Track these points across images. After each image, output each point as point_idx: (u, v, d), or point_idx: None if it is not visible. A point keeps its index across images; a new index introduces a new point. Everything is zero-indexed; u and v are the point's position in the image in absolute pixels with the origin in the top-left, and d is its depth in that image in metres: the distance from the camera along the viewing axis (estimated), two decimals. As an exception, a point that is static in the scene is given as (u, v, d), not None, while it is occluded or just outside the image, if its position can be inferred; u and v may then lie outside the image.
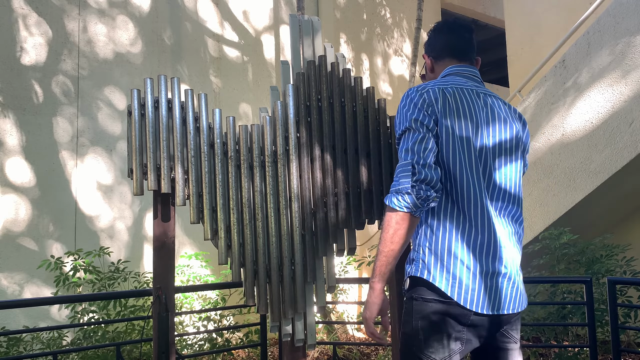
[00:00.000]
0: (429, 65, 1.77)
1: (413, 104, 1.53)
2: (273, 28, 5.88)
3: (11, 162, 4.19)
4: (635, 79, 4.03)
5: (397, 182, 1.47)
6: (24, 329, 3.26)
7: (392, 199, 1.47)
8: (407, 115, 1.53)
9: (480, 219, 1.50)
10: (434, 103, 1.52)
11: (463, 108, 1.54)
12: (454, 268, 1.47)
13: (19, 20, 4.35)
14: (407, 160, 1.47)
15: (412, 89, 1.58)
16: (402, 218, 1.45)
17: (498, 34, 8.47)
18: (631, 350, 2.97)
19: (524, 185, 4.75)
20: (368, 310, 1.53)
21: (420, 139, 1.48)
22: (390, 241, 1.47)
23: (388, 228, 1.48)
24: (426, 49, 1.79)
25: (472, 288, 1.47)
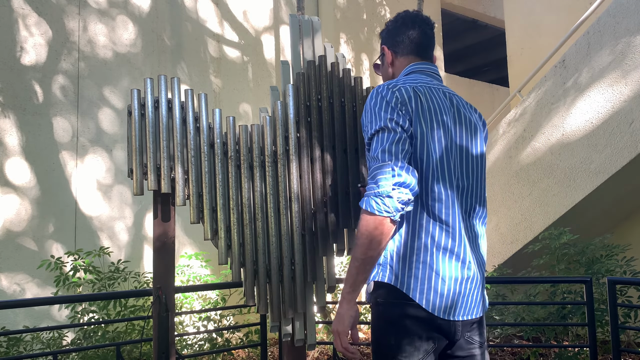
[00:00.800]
0: (390, 58, 1.69)
1: (385, 102, 1.46)
2: (273, 28, 5.88)
3: (11, 162, 4.19)
4: (635, 79, 4.03)
5: (375, 184, 1.38)
6: (24, 329, 3.26)
7: (371, 203, 1.38)
8: (380, 114, 1.45)
9: (451, 224, 1.45)
10: (407, 102, 1.46)
11: (435, 109, 1.49)
12: (422, 274, 1.42)
13: (19, 20, 4.35)
14: (385, 161, 1.39)
15: (381, 86, 1.51)
16: (381, 223, 1.37)
17: (498, 34, 8.47)
18: (631, 350, 2.97)
19: (523, 186, 4.75)
20: (340, 323, 1.45)
21: (397, 139, 1.41)
22: (368, 247, 1.39)
23: (365, 233, 1.39)
24: (386, 40, 1.71)
25: (441, 294, 1.42)
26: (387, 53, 1.70)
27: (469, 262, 1.48)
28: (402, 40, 1.67)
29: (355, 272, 1.42)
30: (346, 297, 1.45)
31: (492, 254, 4.96)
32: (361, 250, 1.40)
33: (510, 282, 4.03)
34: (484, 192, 1.59)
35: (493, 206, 5.00)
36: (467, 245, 1.49)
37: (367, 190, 1.40)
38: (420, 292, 1.42)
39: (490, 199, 5.03)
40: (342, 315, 1.45)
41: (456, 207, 1.47)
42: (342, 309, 1.45)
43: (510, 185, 4.86)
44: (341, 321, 1.45)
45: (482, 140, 1.62)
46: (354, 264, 1.42)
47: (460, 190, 1.50)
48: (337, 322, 1.46)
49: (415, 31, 1.66)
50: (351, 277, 1.43)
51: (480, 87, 8.16)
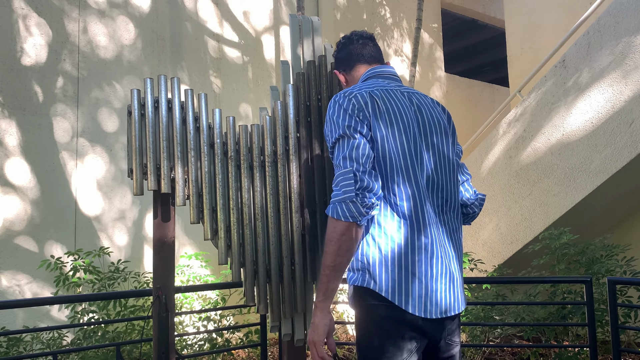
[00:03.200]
0: (343, 79, 1.75)
1: (343, 110, 1.48)
2: (273, 28, 5.88)
3: (11, 162, 4.19)
4: (635, 79, 4.03)
5: (338, 191, 1.40)
6: (24, 329, 3.26)
7: (336, 209, 1.39)
8: (338, 122, 1.47)
9: (422, 222, 1.46)
10: (364, 107, 1.48)
11: (393, 110, 1.51)
12: (399, 276, 1.43)
13: (19, 21, 4.35)
14: (347, 168, 1.41)
15: (338, 94, 1.54)
16: (347, 228, 1.39)
17: (498, 34, 8.47)
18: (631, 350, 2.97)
19: (523, 186, 4.75)
20: (316, 333, 1.44)
21: (356, 145, 1.43)
22: (337, 254, 1.40)
23: (333, 240, 1.40)
24: (335, 66, 1.80)
25: (419, 295, 1.43)
26: (338, 75, 1.77)
27: (443, 258, 1.48)
28: (345, 56, 1.74)
29: (327, 280, 1.43)
30: (319, 305, 1.44)
31: (492, 254, 4.96)
32: (331, 258, 1.41)
33: (510, 282, 4.02)
34: (455, 183, 1.59)
35: (493, 206, 5.00)
36: (442, 241, 1.50)
37: (332, 197, 1.42)
38: (399, 294, 1.42)
39: (490, 199, 5.03)
40: (317, 325, 1.44)
41: (426, 204, 1.48)
42: (316, 318, 1.45)
43: (510, 185, 4.86)
44: (316, 331, 1.44)
45: (450, 134, 1.63)
46: (325, 272, 1.43)
47: (431, 186, 1.51)
48: (312, 332, 1.45)
49: (353, 45, 1.73)
50: (323, 285, 1.43)
51: (480, 87, 8.16)
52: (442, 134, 1.58)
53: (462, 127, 7.44)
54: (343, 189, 1.39)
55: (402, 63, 6.90)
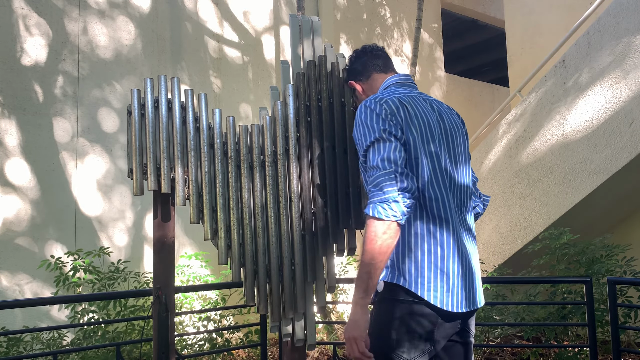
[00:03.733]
0: (360, 89, 1.83)
1: (375, 114, 1.55)
2: (273, 28, 5.88)
3: (11, 162, 4.19)
4: (635, 79, 4.03)
5: (379, 191, 1.46)
6: (24, 329, 3.26)
7: (378, 209, 1.44)
8: (374, 126, 1.54)
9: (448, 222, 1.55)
10: (396, 112, 1.56)
11: (420, 115, 1.59)
12: (429, 272, 1.51)
13: (19, 21, 4.35)
14: (387, 169, 1.47)
15: (368, 100, 1.61)
16: (389, 227, 1.44)
17: (498, 34, 8.47)
18: (631, 350, 2.98)
19: (523, 186, 4.75)
20: (357, 329, 1.47)
21: (394, 148, 1.51)
22: (378, 252, 1.45)
23: (375, 239, 1.45)
24: (350, 78, 1.87)
25: (447, 289, 1.52)
26: (355, 85, 1.85)
27: (466, 255, 1.58)
28: (361, 67, 1.84)
29: (367, 277, 1.46)
30: (360, 302, 1.48)
31: (492, 254, 4.95)
32: (372, 255, 1.45)
33: (510, 282, 4.03)
34: (470, 185, 1.70)
35: (493, 206, 5.00)
36: (464, 239, 1.59)
37: (372, 197, 1.47)
38: (427, 289, 1.50)
39: (490, 199, 5.03)
40: (358, 321, 1.47)
41: (451, 204, 1.58)
42: (356, 315, 1.48)
43: (510, 185, 4.86)
44: (357, 327, 1.47)
45: (465, 138, 1.74)
46: (365, 269, 1.46)
47: (452, 188, 1.60)
48: (353, 329, 1.47)
49: (367, 56, 1.84)
50: (363, 282, 1.47)
51: (480, 87, 8.16)
52: (460, 139, 1.69)
53: (462, 127, 7.44)
54: (385, 189, 1.45)
55: (402, 63, 6.90)
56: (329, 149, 2.16)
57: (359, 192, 2.17)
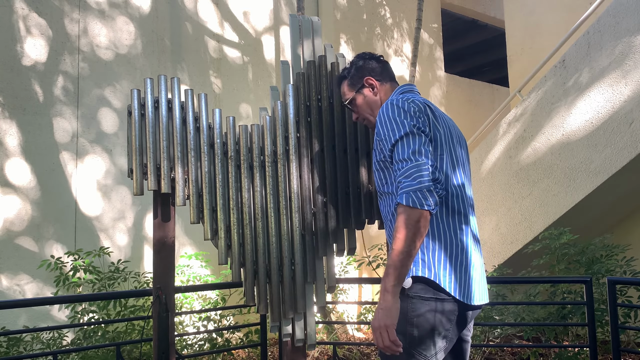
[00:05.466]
0: (377, 86, 1.84)
1: (404, 111, 1.60)
2: (273, 28, 5.88)
3: (11, 162, 4.20)
4: (635, 79, 4.03)
5: (412, 181, 1.49)
6: (24, 329, 3.26)
7: (412, 198, 1.47)
8: (404, 122, 1.58)
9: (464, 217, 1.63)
10: (424, 111, 1.62)
11: (442, 118, 1.68)
12: (451, 265, 1.57)
13: (19, 21, 4.35)
14: (420, 160, 1.51)
15: (395, 99, 1.65)
16: (422, 216, 1.47)
17: (498, 34, 8.47)
18: (631, 350, 2.97)
19: (523, 186, 4.75)
20: (389, 317, 1.47)
21: (424, 142, 1.55)
22: (412, 240, 1.47)
23: (409, 227, 1.47)
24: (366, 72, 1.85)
25: (467, 282, 1.59)
26: (375, 83, 1.84)
27: (476, 251, 1.66)
28: (379, 71, 1.86)
29: (401, 265, 1.47)
30: (392, 290, 1.48)
31: (492, 254, 4.96)
32: (407, 243, 1.47)
33: (510, 282, 4.02)
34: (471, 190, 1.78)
35: (493, 206, 5.00)
36: (476, 236, 1.68)
37: (404, 187, 1.49)
38: (449, 281, 1.55)
39: (490, 198, 5.03)
40: (390, 309, 1.47)
41: (466, 200, 1.66)
42: (387, 302, 1.47)
43: (510, 185, 4.86)
44: (389, 315, 1.47)
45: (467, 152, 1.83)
46: (399, 257, 1.47)
47: (466, 188, 1.69)
48: (384, 316, 1.46)
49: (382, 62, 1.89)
50: (396, 270, 1.47)
51: (480, 87, 8.16)
52: (465, 147, 1.78)
53: (462, 127, 7.44)
54: (418, 179, 1.49)
55: (402, 63, 6.90)
56: (329, 149, 2.16)
57: (359, 192, 2.17)
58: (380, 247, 4.50)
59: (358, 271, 5.34)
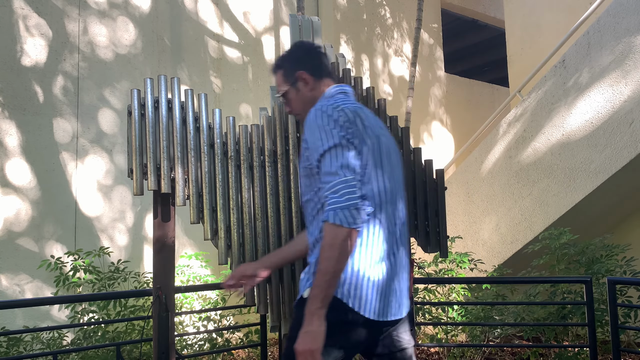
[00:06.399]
0: (311, 82, 1.72)
1: (334, 120, 1.51)
2: (273, 28, 5.88)
3: (11, 163, 4.19)
4: (635, 79, 4.03)
5: (339, 198, 1.42)
6: (24, 329, 3.26)
7: (340, 216, 1.40)
8: (333, 132, 1.49)
9: (390, 229, 1.54)
10: (354, 121, 1.53)
11: (372, 128, 1.57)
12: (356, 280, 1.48)
13: (19, 21, 4.35)
14: (347, 176, 1.44)
15: (323, 105, 1.55)
16: (348, 235, 1.41)
17: (498, 34, 8.46)
18: (631, 350, 2.98)
19: (523, 186, 4.75)
20: (315, 341, 1.40)
21: (353, 156, 1.48)
22: (338, 260, 1.41)
23: (335, 247, 1.40)
24: (300, 66, 1.73)
25: (386, 300, 1.51)
26: (307, 77, 1.71)
27: (403, 267, 1.58)
28: (316, 65, 1.73)
29: (326, 286, 1.42)
30: (317, 313, 1.42)
31: (492, 254, 4.96)
32: (332, 264, 1.41)
33: (510, 282, 4.03)
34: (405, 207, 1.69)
35: (493, 206, 5.00)
36: (402, 252, 1.59)
37: (332, 204, 1.42)
38: (353, 297, 1.47)
39: (490, 198, 5.03)
40: (316, 333, 1.41)
41: (395, 215, 1.58)
42: (314, 326, 1.41)
43: (510, 185, 4.86)
44: (316, 339, 1.40)
45: (400, 159, 1.72)
46: (324, 278, 1.42)
47: (394, 202, 1.60)
48: (310, 341, 1.40)
49: (322, 56, 1.75)
50: (322, 292, 1.42)
51: (480, 87, 8.15)
52: (396, 153, 1.67)
53: (462, 127, 7.44)
54: (346, 196, 1.42)
55: (402, 63, 6.90)
56: (329, 149, 2.15)
57: (359, 192, 2.16)
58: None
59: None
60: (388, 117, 2.24)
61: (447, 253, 2.27)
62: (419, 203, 2.21)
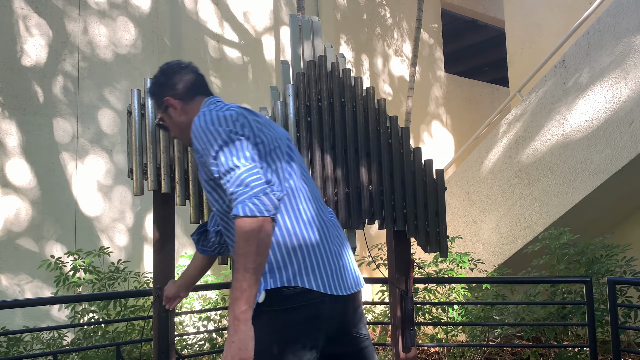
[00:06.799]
0: (180, 108, 1.66)
1: (217, 119, 1.46)
2: (273, 29, 5.88)
3: (11, 163, 4.20)
4: (635, 79, 4.03)
5: (245, 188, 1.34)
6: (24, 329, 3.26)
7: (250, 206, 1.32)
8: (219, 130, 1.43)
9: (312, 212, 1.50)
10: (241, 114, 1.49)
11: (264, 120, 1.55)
12: (303, 257, 1.43)
13: (19, 21, 4.35)
14: (249, 165, 1.37)
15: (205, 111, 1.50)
16: (264, 223, 1.32)
17: (498, 34, 8.46)
18: (631, 350, 2.98)
19: (523, 186, 4.75)
20: (245, 350, 1.29)
21: (246, 145, 1.42)
22: (257, 253, 1.31)
23: (250, 239, 1.31)
24: (165, 92, 1.67)
25: (335, 273, 1.46)
26: (175, 103, 1.66)
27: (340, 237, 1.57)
28: (184, 87, 1.66)
29: (248, 285, 1.31)
30: (242, 317, 1.30)
31: (492, 254, 4.96)
32: (251, 259, 1.31)
33: (510, 282, 4.03)
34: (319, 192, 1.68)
35: (493, 206, 5.00)
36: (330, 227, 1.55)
37: (239, 197, 1.35)
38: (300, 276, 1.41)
39: (490, 199, 5.03)
40: (244, 340, 1.30)
41: (312, 193, 1.55)
42: (241, 333, 1.29)
43: (510, 185, 4.86)
44: (245, 347, 1.29)
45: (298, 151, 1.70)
46: (245, 277, 1.31)
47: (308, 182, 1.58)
48: (239, 350, 1.29)
49: (189, 74, 1.68)
50: (244, 292, 1.31)
51: (480, 87, 8.16)
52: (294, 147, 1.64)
53: (462, 127, 7.44)
54: (250, 185, 1.35)
55: (402, 63, 6.90)
56: (329, 149, 2.16)
57: (359, 192, 2.17)
58: (380, 247, 4.50)
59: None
60: (388, 117, 2.24)
61: (447, 253, 2.27)
62: (419, 203, 2.21)
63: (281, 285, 1.40)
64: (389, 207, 2.17)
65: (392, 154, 2.20)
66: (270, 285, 1.40)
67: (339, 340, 1.52)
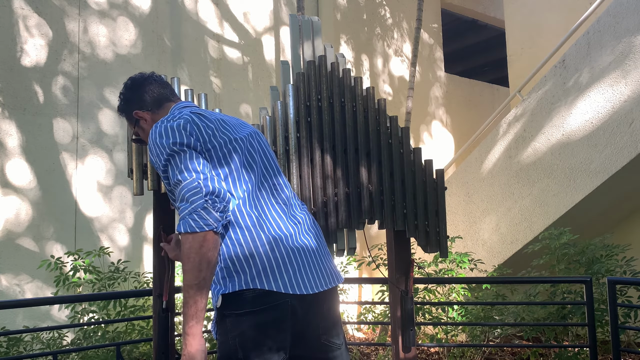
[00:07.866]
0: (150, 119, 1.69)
1: (168, 130, 1.46)
2: (273, 29, 5.88)
3: (11, 163, 4.20)
4: (635, 79, 4.03)
5: (186, 203, 1.35)
6: (24, 329, 3.26)
7: (189, 222, 1.33)
8: (163, 144, 1.44)
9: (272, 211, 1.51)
10: (190, 122, 1.48)
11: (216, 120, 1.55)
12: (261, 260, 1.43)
13: (19, 21, 4.35)
14: (189, 178, 1.38)
15: (158, 124, 1.51)
16: (205, 239, 1.33)
17: (498, 34, 8.47)
18: (631, 350, 2.98)
19: (523, 186, 4.75)
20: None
21: (189, 157, 1.41)
22: (199, 269, 1.32)
23: (193, 256, 1.32)
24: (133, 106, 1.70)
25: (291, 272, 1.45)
26: (143, 115, 1.69)
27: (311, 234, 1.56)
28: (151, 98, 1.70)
29: (193, 301, 1.33)
30: (191, 332, 1.32)
31: (492, 254, 4.96)
32: (194, 275, 1.33)
33: (510, 282, 4.03)
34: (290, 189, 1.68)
35: (493, 206, 5.00)
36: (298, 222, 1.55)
37: (180, 213, 1.37)
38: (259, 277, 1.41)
39: (490, 199, 5.03)
40: (194, 355, 1.32)
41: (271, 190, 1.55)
42: (192, 348, 1.32)
43: (510, 185, 4.86)
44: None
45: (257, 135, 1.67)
46: (189, 294, 1.33)
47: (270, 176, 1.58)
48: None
49: (152, 85, 1.71)
50: (190, 308, 1.33)
51: (480, 87, 8.15)
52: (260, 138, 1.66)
53: (462, 127, 7.44)
54: (190, 200, 1.35)
55: (402, 63, 6.90)
56: (329, 149, 2.16)
57: (359, 192, 2.17)
58: (380, 247, 4.50)
59: (358, 271, 5.34)
60: (388, 117, 2.24)
61: (447, 253, 2.27)
62: (419, 203, 2.21)
63: (239, 288, 1.40)
64: (389, 207, 2.17)
65: (392, 154, 2.20)
66: (229, 289, 1.41)
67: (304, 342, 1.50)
